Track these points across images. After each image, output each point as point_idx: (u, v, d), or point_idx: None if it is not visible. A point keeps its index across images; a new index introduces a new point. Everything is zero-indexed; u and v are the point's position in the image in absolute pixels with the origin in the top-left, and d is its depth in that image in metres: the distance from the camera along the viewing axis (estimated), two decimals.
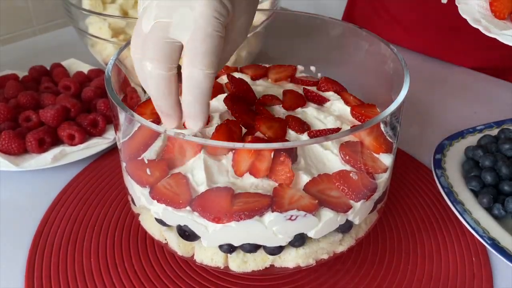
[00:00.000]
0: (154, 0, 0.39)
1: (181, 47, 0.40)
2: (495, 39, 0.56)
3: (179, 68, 0.41)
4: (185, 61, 0.39)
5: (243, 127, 0.48)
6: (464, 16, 0.59)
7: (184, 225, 0.44)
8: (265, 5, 0.78)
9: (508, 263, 0.52)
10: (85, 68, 0.84)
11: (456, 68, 0.93)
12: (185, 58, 0.39)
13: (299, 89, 0.57)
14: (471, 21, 0.58)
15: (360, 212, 0.46)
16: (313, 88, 0.57)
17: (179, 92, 0.42)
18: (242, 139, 0.47)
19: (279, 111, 0.53)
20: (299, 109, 0.53)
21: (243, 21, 0.42)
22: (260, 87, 0.57)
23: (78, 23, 0.77)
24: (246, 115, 0.49)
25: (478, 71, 0.92)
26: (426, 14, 0.92)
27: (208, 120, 0.48)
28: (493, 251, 0.53)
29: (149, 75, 0.40)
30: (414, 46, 0.96)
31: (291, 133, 0.49)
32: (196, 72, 0.39)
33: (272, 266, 0.47)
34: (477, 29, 0.57)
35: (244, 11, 0.42)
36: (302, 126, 0.49)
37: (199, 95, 0.40)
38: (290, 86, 0.58)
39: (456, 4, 0.61)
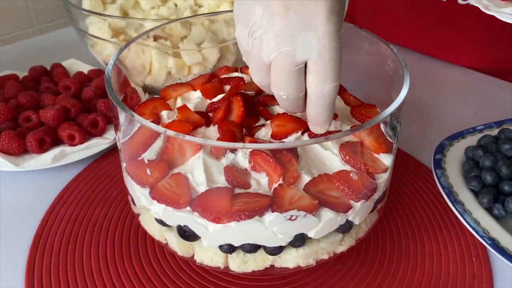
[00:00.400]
0: (269, 32, 0.40)
1: (305, 66, 0.41)
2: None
3: None
4: (315, 80, 0.41)
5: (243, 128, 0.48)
6: None
7: (184, 225, 0.44)
8: None
9: (508, 263, 0.52)
10: (85, 68, 0.84)
11: (456, 68, 0.93)
12: (313, 76, 0.41)
13: None
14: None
15: (360, 212, 0.46)
16: None
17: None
18: (242, 140, 0.47)
19: (280, 111, 0.53)
20: None
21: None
22: None
23: (78, 23, 0.77)
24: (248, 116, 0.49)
25: (478, 72, 0.92)
26: (426, 14, 0.91)
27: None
28: (493, 251, 0.53)
29: (283, 102, 0.44)
30: (414, 46, 0.96)
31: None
32: (327, 88, 0.41)
33: (272, 266, 0.47)
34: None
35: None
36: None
37: (328, 105, 0.42)
38: None
39: None
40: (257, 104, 0.52)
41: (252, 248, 0.44)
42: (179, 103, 0.54)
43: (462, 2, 0.60)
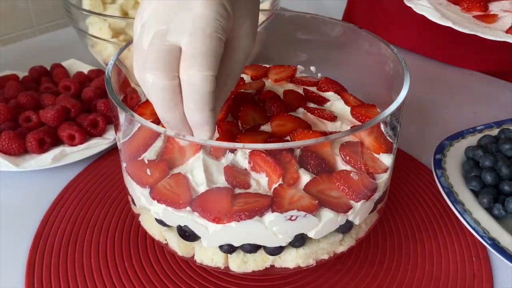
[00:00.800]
0: (152, 15, 0.38)
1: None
2: (493, 42, 0.57)
3: None
4: (183, 64, 0.37)
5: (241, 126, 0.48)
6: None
7: (184, 226, 0.44)
8: (265, 5, 0.78)
9: (508, 263, 0.52)
10: (85, 68, 0.84)
11: (456, 68, 0.93)
12: (182, 61, 0.37)
13: (299, 89, 0.57)
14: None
15: (360, 212, 0.46)
16: (313, 88, 0.57)
17: None
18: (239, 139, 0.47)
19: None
20: (300, 109, 0.53)
21: (249, 25, 0.41)
22: None
23: (78, 23, 0.77)
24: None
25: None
26: (423, 16, 0.91)
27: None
28: (493, 251, 0.53)
29: (151, 89, 0.38)
30: (413, 47, 0.96)
31: None
32: (194, 75, 0.37)
33: (272, 266, 0.47)
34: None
35: (248, 15, 0.41)
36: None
37: (199, 101, 0.37)
38: (290, 86, 0.58)
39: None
40: (258, 102, 0.52)
41: (252, 248, 0.44)
42: None
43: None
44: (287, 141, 0.47)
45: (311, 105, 0.54)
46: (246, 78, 0.59)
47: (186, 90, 0.38)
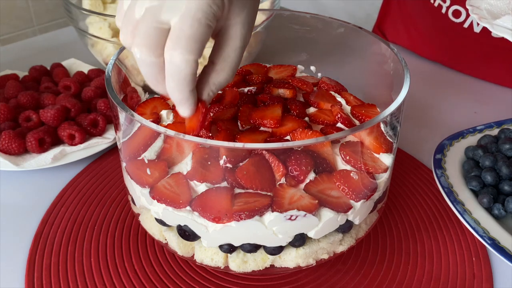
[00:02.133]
0: None
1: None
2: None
3: None
4: (168, 44, 0.38)
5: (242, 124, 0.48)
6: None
7: (184, 225, 0.44)
8: (265, 5, 0.78)
9: (508, 263, 0.52)
10: (85, 68, 0.84)
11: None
12: (168, 40, 0.38)
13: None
14: None
15: (360, 212, 0.46)
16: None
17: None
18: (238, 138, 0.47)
19: None
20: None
21: (246, 14, 0.42)
22: None
23: (78, 23, 0.77)
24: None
25: None
26: (454, 38, 0.89)
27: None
28: (493, 251, 0.53)
29: (142, 63, 0.40)
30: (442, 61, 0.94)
31: None
32: (176, 56, 0.38)
33: (272, 266, 0.47)
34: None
35: (245, 4, 0.41)
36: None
37: (179, 81, 0.39)
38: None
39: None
40: (258, 102, 0.52)
41: (252, 248, 0.44)
42: None
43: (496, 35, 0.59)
44: (287, 141, 0.47)
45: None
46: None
47: (168, 69, 0.39)
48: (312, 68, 0.64)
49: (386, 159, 0.47)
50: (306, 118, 0.51)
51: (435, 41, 0.92)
